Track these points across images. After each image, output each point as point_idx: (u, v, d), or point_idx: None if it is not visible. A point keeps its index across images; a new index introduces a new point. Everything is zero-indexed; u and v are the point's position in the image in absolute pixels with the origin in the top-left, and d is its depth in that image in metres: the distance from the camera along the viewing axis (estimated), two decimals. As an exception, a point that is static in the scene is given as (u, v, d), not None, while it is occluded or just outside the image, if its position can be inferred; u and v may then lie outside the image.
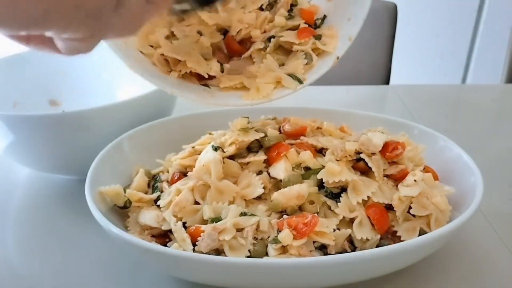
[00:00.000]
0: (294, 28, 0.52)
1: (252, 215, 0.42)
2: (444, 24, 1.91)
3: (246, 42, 0.52)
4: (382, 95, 0.96)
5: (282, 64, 0.51)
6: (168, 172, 0.51)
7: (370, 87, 1.00)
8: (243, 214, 0.42)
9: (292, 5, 0.54)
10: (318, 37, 0.51)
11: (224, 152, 0.47)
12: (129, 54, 0.45)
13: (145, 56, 0.47)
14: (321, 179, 0.44)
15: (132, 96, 0.55)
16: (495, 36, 1.89)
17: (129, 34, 0.28)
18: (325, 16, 0.54)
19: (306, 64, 0.50)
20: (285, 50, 0.52)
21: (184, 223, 0.42)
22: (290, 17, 0.53)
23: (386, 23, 1.18)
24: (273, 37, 0.51)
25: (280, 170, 0.44)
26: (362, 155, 0.44)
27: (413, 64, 1.93)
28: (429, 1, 1.86)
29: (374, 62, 1.23)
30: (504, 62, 1.28)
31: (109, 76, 0.72)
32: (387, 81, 1.25)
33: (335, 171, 0.43)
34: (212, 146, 0.47)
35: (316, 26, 0.53)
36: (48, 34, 0.24)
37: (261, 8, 0.54)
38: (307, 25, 0.52)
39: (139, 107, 0.56)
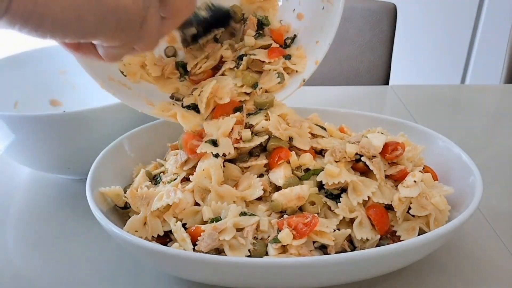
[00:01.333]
0: (265, 47, 0.54)
1: (252, 214, 0.42)
2: (444, 24, 1.91)
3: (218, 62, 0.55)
4: (382, 95, 0.96)
5: (255, 83, 0.52)
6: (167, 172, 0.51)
7: (370, 87, 1.00)
8: (243, 213, 0.42)
9: (263, 24, 0.55)
10: (288, 57, 0.54)
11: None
12: (101, 75, 0.48)
13: (125, 76, 0.52)
14: (321, 180, 0.44)
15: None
16: (494, 36, 1.89)
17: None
18: (295, 36, 0.55)
19: (279, 83, 0.52)
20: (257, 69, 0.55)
21: (184, 224, 0.42)
22: (259, 35, 0.55)
23: (385, 24, 1.18)
24: (245, 55, 0.53)
25: (279, 177, 0.44)
26: (363, 158, 0.45)
27: (412, 64, 1.94)
28: (428, 2, 1.86)
29: (373, 63, 1.23)
30: (504, 62, 1.28)
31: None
32: (386, 81, 1.25)
33: (334, 173, 0.43)
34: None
35: (286, 46, 0.55)
36: (95, 42, 0.32)
37: (215, 39, 0.56)
38: (277, 45, 0.54)
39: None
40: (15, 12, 0.26)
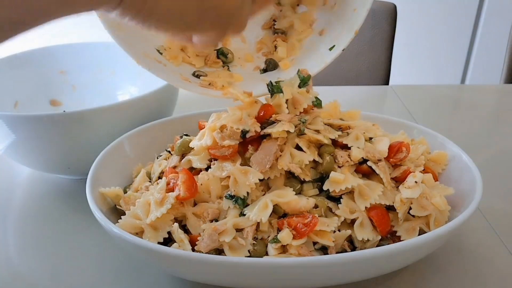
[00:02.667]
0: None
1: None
2: (444, 24, 1.91)
3: None
4: (382, 95, 0.96)
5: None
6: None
7: (370, 87, 1.00)
8: (242, 214, 0.42)
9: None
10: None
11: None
12: (136, 52, 0.48)
13: (162, 55, 0.51)
14: (321, 182, 0.44)
15: (132, 97, 0.55)
16: (494, 36, 1.89)
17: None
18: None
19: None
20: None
21: (184, 226, 0.42)
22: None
23: (385, 24, 1.18)
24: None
25: (278, 185, 0.44)
26: (369, 163, 0.45)
27: (412, 64, 1.94)
28: (428, 2, 1.86)
29: (373, 62, 1.23)
30: (504, 62, 1.28)
31: (110, 76, 0.72)
32: (386, 81, 1.25)
33: (340, 180, 0.43)
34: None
35: None
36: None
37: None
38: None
39: (139, 107, 0.56)
40: (127, 7, 0.30)
